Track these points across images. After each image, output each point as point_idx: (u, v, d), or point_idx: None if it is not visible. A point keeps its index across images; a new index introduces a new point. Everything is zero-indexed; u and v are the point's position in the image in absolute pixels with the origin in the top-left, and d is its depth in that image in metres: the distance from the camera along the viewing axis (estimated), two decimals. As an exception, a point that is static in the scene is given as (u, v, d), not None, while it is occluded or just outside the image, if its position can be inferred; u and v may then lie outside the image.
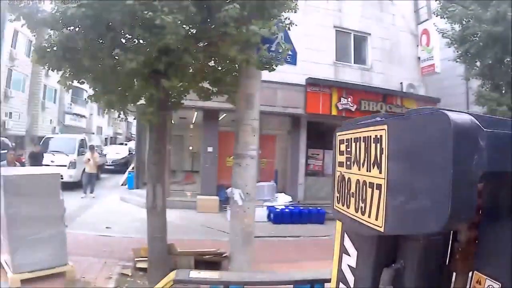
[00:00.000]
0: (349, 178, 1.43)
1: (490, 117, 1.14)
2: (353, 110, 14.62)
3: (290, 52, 7.77)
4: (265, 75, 7.85)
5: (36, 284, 5.88)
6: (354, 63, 15.98)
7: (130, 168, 20.36)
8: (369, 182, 1.26)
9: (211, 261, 7.63)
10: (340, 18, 15.61)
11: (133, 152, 21.29)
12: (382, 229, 1.16)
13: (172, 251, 7.35)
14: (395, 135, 1.15)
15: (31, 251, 5.91)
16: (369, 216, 1.24)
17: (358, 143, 1.37)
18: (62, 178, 15.36)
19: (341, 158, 1.53)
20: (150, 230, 7.07)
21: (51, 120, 36.23)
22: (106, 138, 53.58)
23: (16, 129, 29.34)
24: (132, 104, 8.03)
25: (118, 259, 7.70)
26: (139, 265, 7.29)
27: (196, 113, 16.16)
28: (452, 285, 1.34)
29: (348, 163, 1.46)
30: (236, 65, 7.45)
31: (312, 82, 14.35)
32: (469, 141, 0.93)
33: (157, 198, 7.07)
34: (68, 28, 6.65)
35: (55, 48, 6.85)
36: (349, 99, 14.71)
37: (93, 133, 47.51)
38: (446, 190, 0.91)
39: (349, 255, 1.52)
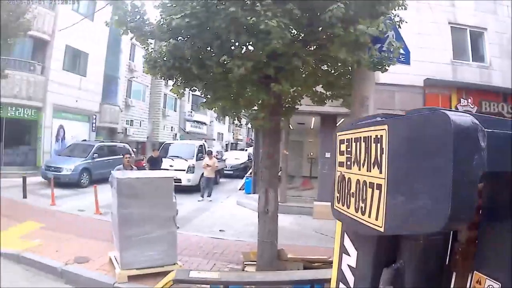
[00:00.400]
0: (349, 178, 1.51)
1: (491, 118, 1.19)
2: (473, 112, 13.45)
3: (402, 51, 7.82)
4: (381, 77, 8.02)
5: (142, 281, 6.60)
6: (472, 61, 15.43)
7: (248, 173, 21.44)
8: (369, 182, 1.33)
9: (320, 269, 7.52)
10: (454, 14, 15.18)
11: (252, 158, 22.38)
12: (382, 229, 1.22)
13: (281, 256, 7.62)
14: (395, 135, 1.21)
15: (141, 249, 6.58)
16: (369, 216, 1.31)
17: (358, 143, 1.45)
18: (180, 182, 17.35)
19: (341, 158, 1.60)
20: (260, 234, 7.52)
21: (172, 127, 39.79)
22: (226, 144, 56.83)
23: (137, 135, 32.92)
24: (244, 110, 8.66)
25: (227, 262, 8.17)
26: (248, 269, 7.50)
27: (314, 118, 16.61)
28: (452, 285, 1.41)
29: (349, 163, 1.53)
30: (349, 68, 7.68)
31: (431, 83, 14.12)
32: (469, 141, 0.97)
33: (268, 202, 7.57)
34: (175, 38, 7.26)
35: (164, 58, 7.51)
36: (469, 100, 14.34)
37: (214, 139, 50.66)
38: (447, 190, 0.95)
39: (349, 255, 1.60)
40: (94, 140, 23.35)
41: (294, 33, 6.87)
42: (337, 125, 15.01)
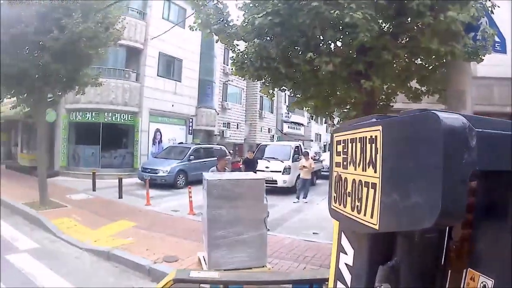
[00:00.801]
0: (345, 178, 1.51)
1: (483, 117, 1.19)
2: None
3: (497, 39, 7.36)
4: (479, 70, 7.61)
5: (229, 282, 6.41)
6: None
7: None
8: (365, 181, 1.34)
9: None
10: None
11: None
12: (376, 227, 1.24)
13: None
14: (389, 135, 1.22)
15: (230, 250, 6.55)
16: (364, 214, 1.32)
17: (354, 144, 1.45)
18: (276, 184, 17.25)
19: (338, 159, 1.62)
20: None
21: (269, 128, 39.93)
22: (324, 145, 56.20)
23: (234, 138, 33.40)
24: (336, 109, 8.40)
25: (318, 266, 7.77)
26: (339, 273, 7.17)
27: None
28: (448, 282, 1.41)
29: (345, 163, 1.54)
30: (443, 60, 7.13)
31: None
32: (459, 140, 1.01)
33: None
34: (260, 38, 7.36)
35: (251, 59, 7.60)
36: None
37: (312, 140, 50.47)
38: (437, 188, 0.98)
39: (346, 254, 1.61)
40: (190, 143, 23.87)
41: (382, 25, 6.60)
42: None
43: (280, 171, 18.20)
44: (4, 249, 8.01)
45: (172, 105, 24.93)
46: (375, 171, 1.28)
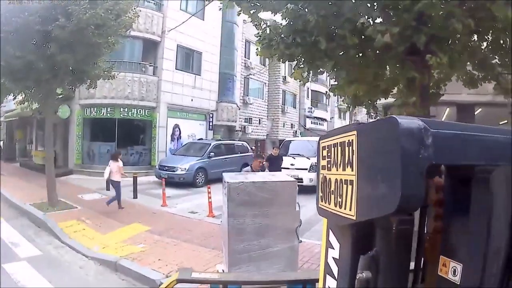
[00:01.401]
0: (329, 179, 1.67)
1: (439, 121, 1.38)
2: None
3: None
4: None
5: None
6: None
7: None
8: (344, 180, 1.51)
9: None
10: None
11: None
12: (354, 217, 1.41)
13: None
14: (362, 138, 1.40)
15: (254, 266, 5.60)
16: (345, 208, 1.49)
17: (336, 148, 1.62)
18: (301, 182, 16.02)
19: (323, 162, 1.76)
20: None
21: (292, 124, 39.38)
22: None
23: (256, 133, 32.79)
24: (381, 97, 7.46)
25: None
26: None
27: (447, 109, 14.85)
28: (422, 268, 1.61)
29: (329, 165, 1.69)
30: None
31: None
32: (415, 139, 1.18)
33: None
34: (295, 4, 6.25)
35: (282, 35, 6.57)
36: None
37: None
38: (398, 178, 1.15)
39: (333, 249, 1.75)
40: (210, 139, 23.32)
41: None
42: (475, 114, 13.64)
43: (306, 169, 17.27)
44: (3, 257, 7.35)
45: (192, 100, 24.36)
46: (352, 170, 1.44)
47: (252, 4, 6.92)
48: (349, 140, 1.47)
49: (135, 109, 21.28)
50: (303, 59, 6.95)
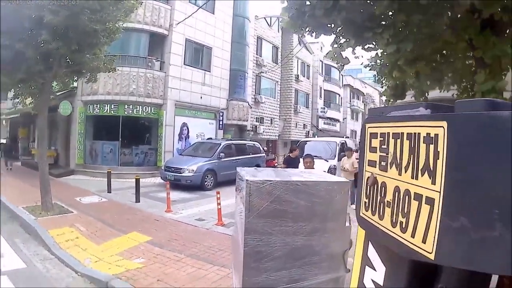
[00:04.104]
0: (383, 183, 1.35)
1: None
2: None
3: None
4: None
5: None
6: None
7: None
8: (415, 193, 1.17)
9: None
10: None
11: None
12: (432, 256, 1.07)
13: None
14: (459, 136, 1.03)
15: None
16: (412, 236, 1.16)
17: (399, 141, 1.28)
18: None
19: (372, 156, 1.46)
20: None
21: (304, 124, 38.94)
22: (359, 142, 56.83)
23: (268, 133, 32.04)
24: (434, 87, 5.98)
25: None
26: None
27: None
28: None
29: (383, 163, 1.37)
30: None
31: None
32: None
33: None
34: None
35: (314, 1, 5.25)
36: None
37: (348, 137, 50.18)
38: None
39: (375, 270, 1.48)
40: (220, 139, 22.58)
41: None
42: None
43: (325, 171, 16.33)
44: None
45: (201, 97, 23.64)
46: (433, 182, 1.09)
47: None
48: (429, 134, 1.12)
49: (141, 106, 20.52)
50: (346, 30, 5.53)
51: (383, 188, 1.34)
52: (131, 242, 8.46)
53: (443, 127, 1.07)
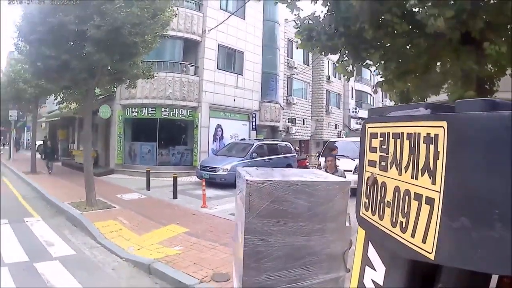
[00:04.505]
0: (383, 183, 1.33)
1: None
2: None
3: None
4: None
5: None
6: None
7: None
8: (415, 193, 1.16)
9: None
10: None
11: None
12: (432, 256, 1.07)
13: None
14: (459, 137, 1.03)
15: None
16: (412, 236, 1.15)
17: (399, 140, 1.26)
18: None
19: (372, 156, 1.42)
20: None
21: (336, 124, 38.85)
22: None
23: (300, 134, 32.31)
24: (432, 93, 6.69)
25: None
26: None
27: None
28: None
29: (383, 163, 1.35)
30: None
31: None
32: None
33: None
34: None
35: (323, 24, 6.23)
36: None
37: None
38: None
39: (375, 270, 1.45)
40: (253, 139, 23.03)
41: None
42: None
43: (351, 171, 16.47)
44: (35, 256, 7.36)
45: (234, 100, 24.22)
46: (433, 182, 1.08)
47: None
48: (429, 134, 1.10)
49: (177, 109, 21.28)
50: (347, 51, 6.51)
51: (383, 188, 1.33)
52: (170, 233, 9.08)
53: (443, 127, 1.07)
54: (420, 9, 4.99)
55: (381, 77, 7.21)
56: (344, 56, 6.70)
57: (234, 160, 17.89)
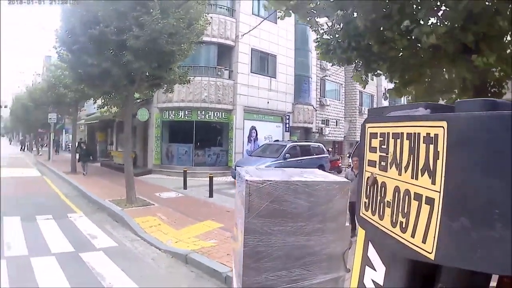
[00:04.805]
0: (383, 183, 1.31)
1: None
2: None
3: None
4: None
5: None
6: None
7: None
8: (415, 193, 1.15)
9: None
10: None
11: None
12: (432, 256, 1.05)
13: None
14: (459, 137, 1.02)
15: None
16: (412, 236, 1.14)
17: (399, 141, 1.25)
18: None
19: (372, 156, 1.41)
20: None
21: None
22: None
23: (333, 135, 32.33)
24: (440, 98, 7.11)
25: None
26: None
27: None
28: None
29: (383, 163, 1.33)
30: None
31: None
32: None
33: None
34: (345, 10, 6.42)
35: (338, 39, 6.70)
36: None
37: None
38: None
39: (375, 270, 1.43)
40: (286, 140, 23.18)
41: None
42: None
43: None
44: (80, 247, 7.98)
45: (268, 102, 24.58)
46: (433, 182, 1.06)
47: (307, 12, 7.15)
48: (429, 134, 1.09)
49: (212, 111, 21.86)
50: (360, 62, 7.03)
51: (383, 188, 1.32)
52: (205, 228, 9.57)
53: (443, 127, 1.06)
54: (414, 27, 5.39)
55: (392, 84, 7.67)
56: (358, 67, 7.22)
57: (267, 161, 18.16)
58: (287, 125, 26.29)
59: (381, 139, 1.35)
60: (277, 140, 22.79)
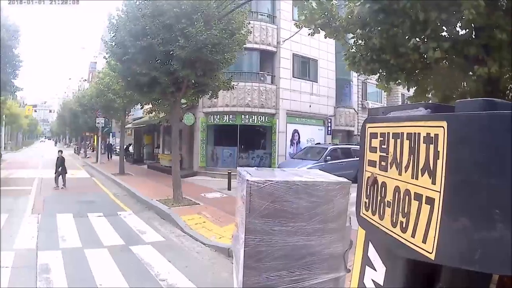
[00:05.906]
0: (384, 183, 1.29)
1: None
2: None
3: None
4: None
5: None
6: None
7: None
8: (415, 193, 1.13)
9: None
10: None
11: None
12: (432, 256, 1.04)
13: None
14: (459, 137, 1.00)
15: None
16: (412, 236, 1.12)
17: (399, 141, 1.23)
18: None
19: (372, 156, 1.39)
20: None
21: None
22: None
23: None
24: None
25: None
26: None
27: None
28: None
29: (383, 163, 1.31)
30: None
31: None
32: None
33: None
34: (364, 28, 6.99)
35: (362, 53, 7.25)
36: None
37: None
38: None
39: (375, 270, 1.42)
40: (328, 143, 23.27)
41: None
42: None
43: None
44: (130, 241, 8.55)
45: (310, 106, 24.70)
46: (434, 182, 1.04)
47: (333, 29, 7.78)
48: (429, 134, 1.07)
49: (256, 116, 22.26)
50: (382, 73, 7.53)
51: (383, 188, 1.30)
52: (246, 224, 9.71)
53: (443, 127, 1.04)
54: (421, 44, 5.92)
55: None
56: (381, 77, 7.70)
57: (309, 163, 18.30)
58: (329, 128, 26.32)
59: (381, 139, 1.34)
60: (319, 143, 22.79)
